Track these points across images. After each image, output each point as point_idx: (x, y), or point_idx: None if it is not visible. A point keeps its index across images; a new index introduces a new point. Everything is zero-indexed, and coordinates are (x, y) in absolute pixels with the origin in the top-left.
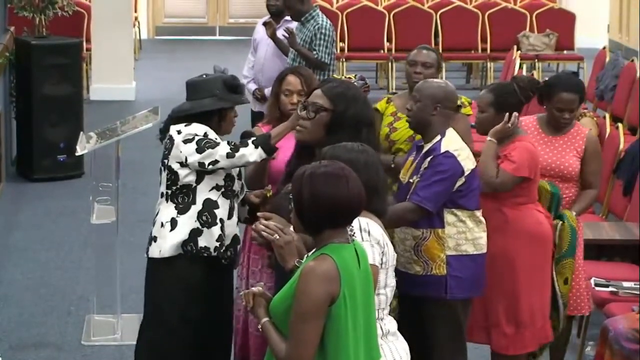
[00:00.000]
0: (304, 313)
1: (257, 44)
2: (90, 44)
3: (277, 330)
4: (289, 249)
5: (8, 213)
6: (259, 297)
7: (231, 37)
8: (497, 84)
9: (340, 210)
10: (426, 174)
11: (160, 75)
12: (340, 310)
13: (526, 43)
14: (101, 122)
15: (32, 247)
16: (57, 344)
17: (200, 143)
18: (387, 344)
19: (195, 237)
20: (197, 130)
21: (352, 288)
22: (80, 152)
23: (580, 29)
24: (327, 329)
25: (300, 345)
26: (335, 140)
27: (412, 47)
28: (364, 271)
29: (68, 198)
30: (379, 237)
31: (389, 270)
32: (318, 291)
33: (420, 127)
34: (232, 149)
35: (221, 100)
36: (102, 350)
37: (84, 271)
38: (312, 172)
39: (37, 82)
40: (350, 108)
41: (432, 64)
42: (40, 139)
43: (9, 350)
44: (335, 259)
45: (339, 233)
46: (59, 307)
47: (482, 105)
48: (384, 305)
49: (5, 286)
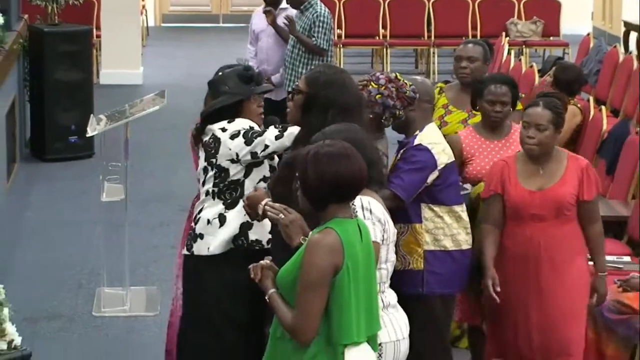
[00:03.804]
0: (310, 283)
1: (257, 34)
2: (100, 31)
3: (284, 301)
4: (294, 227)
5: (22, 192)
6: (267, 269)
7: (233, 25)
8: (548, 99)
9: (344, 187)
10: (399, 164)
11: (167, 61)
12: (344, 281)
13: (514, 30)
14: (110, 106)
15: (45, 224)
16: (69, 316)
17: (247, 135)
18: (387, 316)
19: (246, 230)
20: (241, 125)
21: (354, 260)
22: (91, 134)
23: (566, 17)
24: (331, 299)
25: (305, 314)
26: (306, 121)
27: (405, 33)
28: (366, 245)
29: (79, 178)
30: (380, 215)
31: (390, 245)
32: (323, 262)
33: (401, 125)
34: (280, 130)
35: (232, 94)
36: (112, 321)
37: (94, 247)
38: (316, 151)
39: (50, 67)
40: (322, 91)
41: (477, 58)
42: (53, 122)
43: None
44: (339, 232)
45: (343, 208)
46: (71, 281)
47: (544, 122)
48: (385, 279)
49: (19, 262)
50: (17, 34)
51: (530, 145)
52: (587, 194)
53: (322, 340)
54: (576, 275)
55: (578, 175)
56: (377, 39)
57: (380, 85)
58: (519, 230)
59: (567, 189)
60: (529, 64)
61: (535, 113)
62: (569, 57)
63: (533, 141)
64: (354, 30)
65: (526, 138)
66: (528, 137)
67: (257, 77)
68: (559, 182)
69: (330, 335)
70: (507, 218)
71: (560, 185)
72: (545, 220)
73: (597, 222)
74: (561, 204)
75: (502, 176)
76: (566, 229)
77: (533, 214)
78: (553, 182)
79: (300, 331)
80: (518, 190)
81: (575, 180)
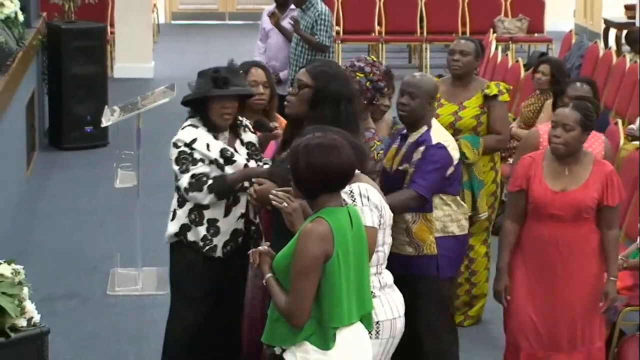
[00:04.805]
0: (302, 269)
1: (266, 33)
2: (113, 28)
3: (279, 285)
4: (297, 215)
5: (41, 178)
6: (265, 255)
7: (239, 22)
8: (579, 102)
9: (333, 177)
10: (421, 164)
11: (176, 56)
12: (334, 267)
13: (501, 27)
14: (123, 98)
15: (62, 209)
16: (84, 295)
17: (180, 157)
18: (385, 296)
19: (185, 231)
20: (187, 137)
21: (345, 247)
22: (105, 124)
23: (549, 14)
24: (322, 284)
25: (298, 298)
26: (318, 114)
27: (400, 30)
28: (357, 232)
29: (94, 165)
30: (377, 202)
31: (386, 230)
32: (314, 250)
33: (413, 121)
34: (190, 186)
35: (194, 92)
36: (125, 300)
37: (108, 230)
38: (307, 143)
39: (67, 62)
40: (330, 84)
41: (469, 52)
42: (69, 113)
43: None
44: (330, 221)
45: (333, 198)
46: (86, 263)
47: (571, 123)
48: (382, 261)
49: (38, 244)
50: (36, 30)
51: (557, 144)
52: (610, 199)
53: (314, 323)
54: (592, 276)
55: (602, 181)
56: (373, 35)
57: (367, 72)
58: (537, 228)
59: (590, 193)
60: (515, 58)
61: (563, 113)
62: (553, 52)
63: (559, 140)
64: (351, 27)
65: (553, 137)
66: (555, 137)
67: (225, 80)
68: (582, 186)
69: (322, 319)
70: (527, 214)
71: (583, 189)
72: (563, 221)
73: (615, 227)
74: (581, 208)
75: (528, 172)
76: (583, 230)
77: (552, 213)
78: (577, 185)
79: (293, 314)
80: (542, 188)
81: (598, 185)
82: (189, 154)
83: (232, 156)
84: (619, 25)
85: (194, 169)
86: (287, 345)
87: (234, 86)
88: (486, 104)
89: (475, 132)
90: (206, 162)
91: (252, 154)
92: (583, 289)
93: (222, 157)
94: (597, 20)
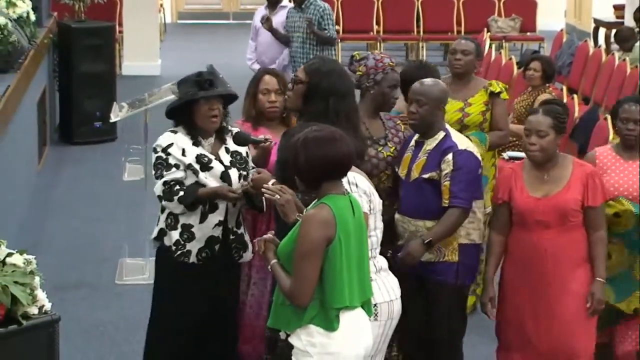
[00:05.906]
0: (305, 252)
1: (257, 31)
2: (122, 27)
3: (284, 270)
4: (289, 206)
5: (52, 172)
6: (269, 242)
7: (242, 21)
8: (548, 106)
9: (333, 167)
10: (457, 174)
11: (182, 54)
12: (336, 251)
13: (495, 26)
14: (131, 94)
15: (72, 201)
16: (93, 284)
17: (156, 163)
18: (380, 279)
19: (162, 236)
20: (164, 142)
21: (346, 233)
22: (114, 120)
23: (541, 14)
24: (325, 268)
25: (302, 281)
26: (310, 108)
27: (397, 29)
28: (358, 219)
29: (103, 159)
30: (365, 188)
31: (377, 215)
32: (316, 234)
33: (425, 128)
34: (163, 194)
35: (179, 98)
36: (133, 289)
37: (116, 222)
38: (305, 137)
39: (77, 60)
40: (322, 80)
41: (470, 52)
42: (79, 109)
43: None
44: (332, 207)
45: (335, 186)
46: (95, 253)
47: (544, 128)
48: (376, 245)
49: (48, 236)
50: (47, 29)
51: (533, 152)
52: (591, 199)
53: (317, 304)
54: (582, 282)
55: (583, 181)
56: (372, 34)
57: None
58: (525, 236)
59: (572, 195)
60: (508, 56)
61: (535, 120)
62: (544, 50)
63: (535, 147)
64: (350, 26)
65: (528, 145)
66: (530, 144)
67: (208, 82)
68: (563, 189)
69: (324, 300)
70: (513, 224)
71: (565, 191)
72: (551, 227)
73: (600, 229)
74: (565, 211)
75: (509, 184)
76: (572, 236)
77: (538, 220)
78: (558, 188)
79: (297, 296)
80: (524, 197)
81: (580, 187)
82: (164, 159)
83: (209, 162)
84: (608, 24)
85: (167, 174)
86: (292, 328)
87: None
88: (490, 101)
89: (481, 129)
90: (181, 167)
91: (235, 162)
92: (572, 299)
93: (199, 163)
94: (587, 20)
